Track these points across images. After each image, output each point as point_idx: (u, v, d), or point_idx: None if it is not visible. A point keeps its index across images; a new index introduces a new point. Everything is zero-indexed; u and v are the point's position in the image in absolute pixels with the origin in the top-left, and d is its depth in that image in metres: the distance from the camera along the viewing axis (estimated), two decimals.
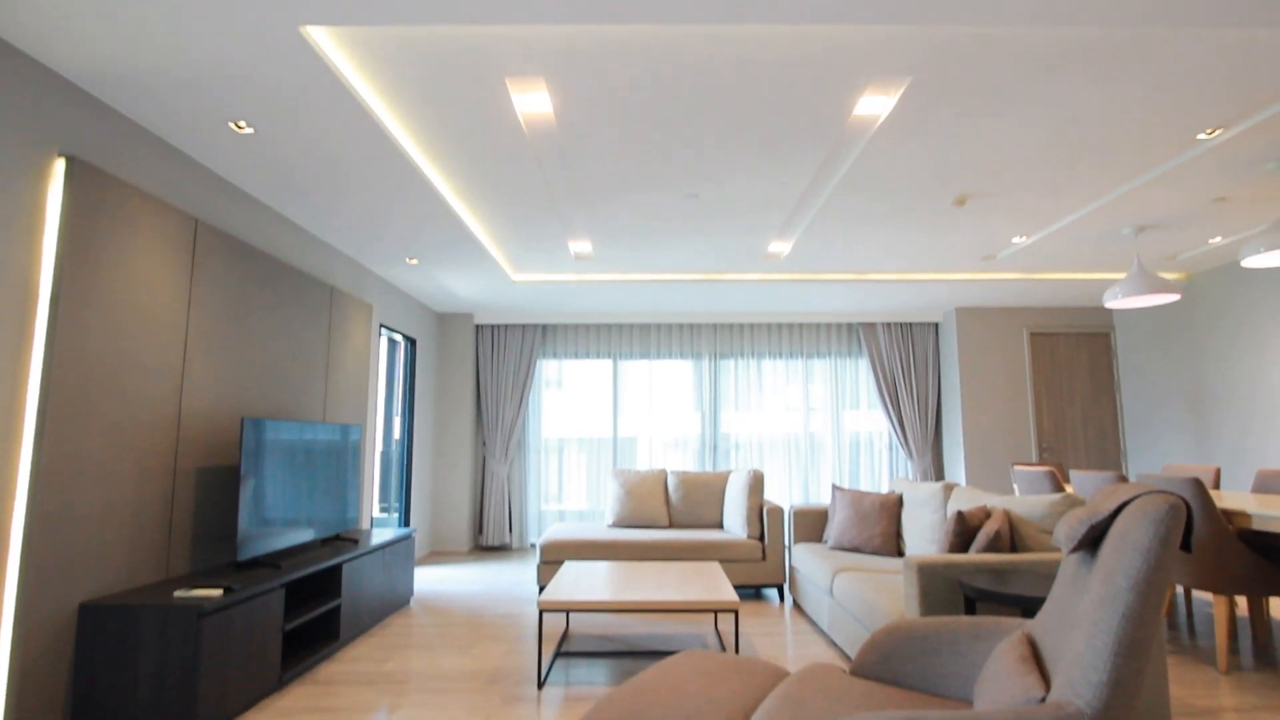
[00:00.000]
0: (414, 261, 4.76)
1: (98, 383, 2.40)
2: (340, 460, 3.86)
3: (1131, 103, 2.66)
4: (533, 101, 2.60)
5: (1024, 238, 4.47)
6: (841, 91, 2.54)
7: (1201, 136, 2.95)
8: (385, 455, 5.59)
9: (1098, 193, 3.64)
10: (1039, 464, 5.44)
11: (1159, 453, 5.94)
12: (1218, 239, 4.50)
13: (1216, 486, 4.05)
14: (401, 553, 4.18)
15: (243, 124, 2.67)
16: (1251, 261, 3.33)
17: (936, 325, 6.82)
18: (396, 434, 5.86)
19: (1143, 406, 6.13)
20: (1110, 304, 4.30)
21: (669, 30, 2.16)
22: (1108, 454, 6.40)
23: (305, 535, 3.43)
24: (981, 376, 6.44)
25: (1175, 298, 4.12)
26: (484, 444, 6.75)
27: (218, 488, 3.07)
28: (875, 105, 2.65)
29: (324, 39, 2.20)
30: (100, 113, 2.47)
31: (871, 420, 6.88)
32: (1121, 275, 5.46)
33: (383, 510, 5.64)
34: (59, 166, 2.28)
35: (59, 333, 2.23)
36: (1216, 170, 3.32)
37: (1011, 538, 2.88)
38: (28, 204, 2.18)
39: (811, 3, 1.91)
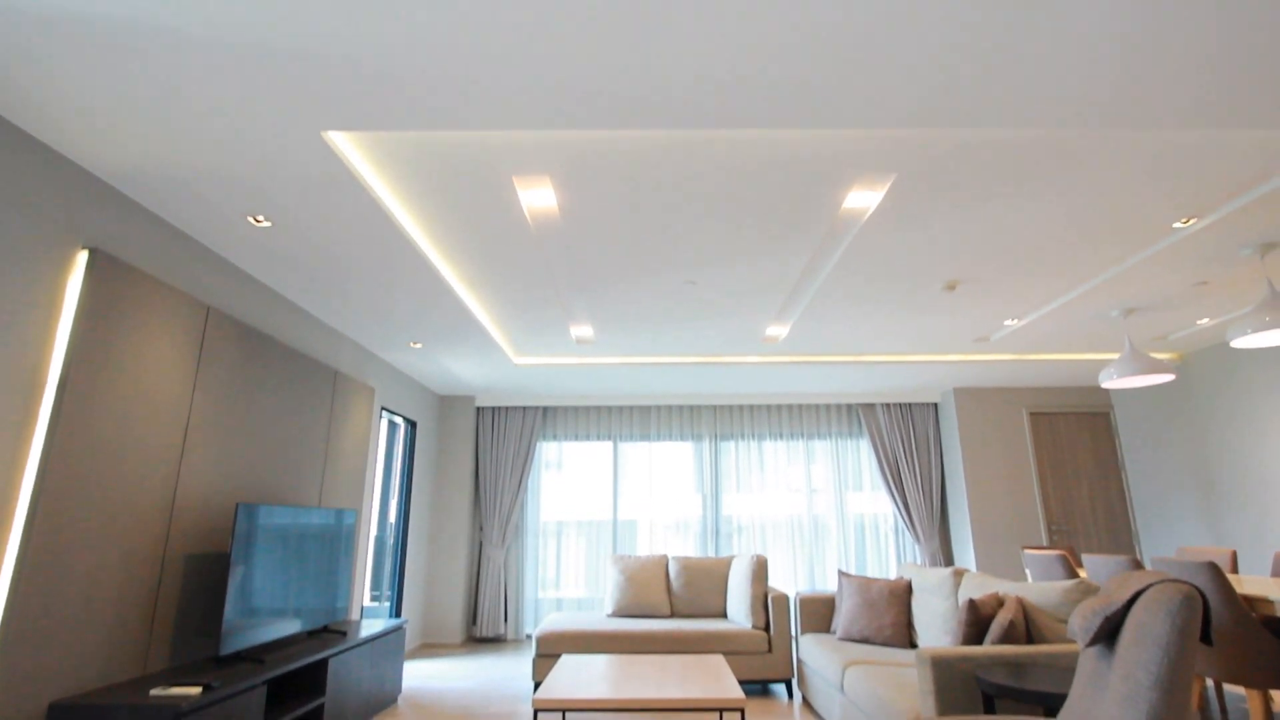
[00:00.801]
0: (418, 345, 4.83)
1: (97, 469, 2.39)
2: (333, 547, 3.76)
3: (1109, 195, 2.80)
4: (538, 196, 2.74)
5: (1016, 320, 4.56)
6: (830, 187, 2.67)
7: (1177, 225, 3.09)
8: (379, 540, 5.45)
9: (1083, 277, 3.76)
10: (1050, 547, 5.31)
11: (1173, 534, 5.80)
12: (1205, 320, 4.60)
13: (1234, 570, 3.93)
14: (391, 646, 4.00)
15: (261, 218, 2.80)
16: (1240, 342, 3.39)
17: (936, 405, 6.84)
18: (392, 517, 5.74)
19: (1150, 486, 6.04)
20: (1106, 384, 4.34)
21: (667, 132, 2.31)
22: (1119, 536, 6.25)
23: (292, 627, 3.30)
24: (984, 457, 6.38)
25: (1170, 377, 4.17)
26: (481, 529, 6.59)
27: (206, 576, 2.98)
28: (864, 199, 2.79)
29: (343, 142, 2.34)
30: (124, 207, 2.60)
31: (876, 502, 6.76)
32: (1115, 355, 5.53)
33: (374, 599, 5.44)
34: (81, 258, 2.37)
35: (62, 420, 2.25)
36: (1195, 256, 3.45)
37: (1027, 627, 2.77)
38: (47, 292, 2.25)
39: (797, 110, 2.06)
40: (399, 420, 5.84)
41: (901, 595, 3.80)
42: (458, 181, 2.62)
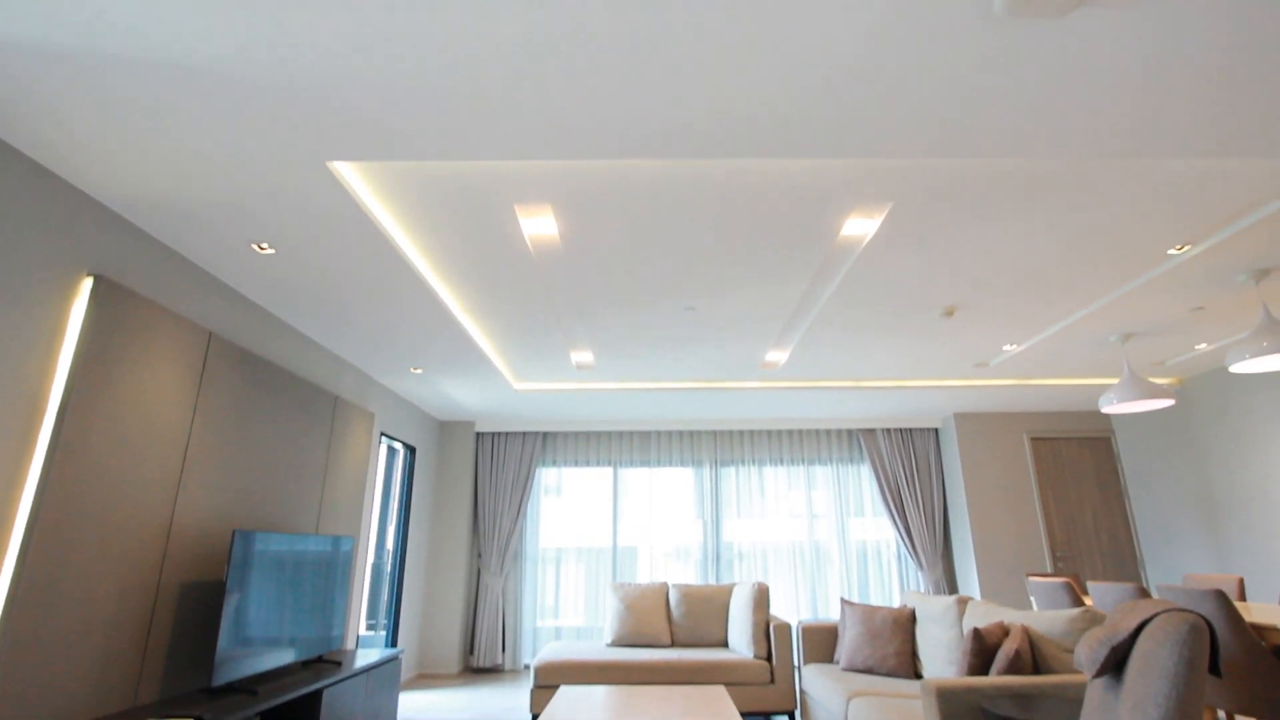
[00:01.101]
0: (418, 371, 4.84)
1: (94, 495, 2.37)
2: (329, 574, 3.72)
3: (1104, 222, 2.83)
4: (539, 225, 2.77)
5: (1014, 345, 4.58)
6: (828, 215, 2.71)
7: (1172, 252, 3.12)
8: (376, 566, 5.39)
9: (1080, 303, 3.78)
10: (1054, 574, 5.25)
11: (1178, 560, 5.74)
12: (1203, 345, 4.61)
13: (1242, 598, 3.88)
14: (387, 676, 3.93)
15: (265, 245, 2.83)
16: (1238, 367, 3.40)
17: (936, 431, 6.82)
18: (389, 544, 5.68)
19: (1154, 512, 6.00)
20: (1106, 409, 4.33)
21: (667, 161, 2.35)
22: (1124, 562, 6.19)
23: (286, 657, 3.25)
24: (986, 482, 6.35)
25: (1170, 402, 4.16)
26: (479, 555, 6.52)
27: (200, 605, 2.95)
28: (861, 226, 2.82)
29: (348, 171, 2.38)
30: (129, 234, 2.62)
31: (878, 528, 6.70)
32: (1115, 380, 5.53)
33: (370, 627, 5.35)
34: (86, 285, 2.39)
35: (61, 445, 2.24)
36: (1191, 282, 3.47)
37: (1033, 656, 2.73)
38: (52, 318, 2.26)
39: (800, 142, 2.09)
40: (398, 446, 5.82)
41: (905, 624, 3.75)
42: (460, 210, 2.65)
